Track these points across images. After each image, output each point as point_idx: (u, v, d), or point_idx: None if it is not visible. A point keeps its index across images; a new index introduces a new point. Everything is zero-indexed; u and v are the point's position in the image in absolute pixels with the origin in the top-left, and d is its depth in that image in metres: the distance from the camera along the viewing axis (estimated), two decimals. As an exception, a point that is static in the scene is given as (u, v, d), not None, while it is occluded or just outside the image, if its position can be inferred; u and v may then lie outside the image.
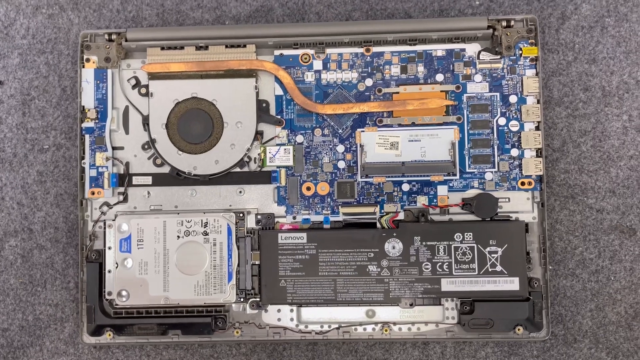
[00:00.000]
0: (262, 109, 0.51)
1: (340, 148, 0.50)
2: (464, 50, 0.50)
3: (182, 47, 0.50)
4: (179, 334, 0.49)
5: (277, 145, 0.50)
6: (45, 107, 0.53)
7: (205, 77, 0.50)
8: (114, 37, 0.51)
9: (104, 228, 0.50)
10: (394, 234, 0.48)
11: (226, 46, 0.50)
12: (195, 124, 0.50)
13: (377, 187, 0.50)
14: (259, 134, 0.51)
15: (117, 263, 0.49)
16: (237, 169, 0.50)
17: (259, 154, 0.50)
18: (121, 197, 0.50)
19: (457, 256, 0.48)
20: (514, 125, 0.50)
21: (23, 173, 0.53)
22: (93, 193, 0.50)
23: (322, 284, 0.48)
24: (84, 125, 0.50)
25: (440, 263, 0.48)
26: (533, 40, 0.50)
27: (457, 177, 0.50)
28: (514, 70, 0.50)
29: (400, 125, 0.50)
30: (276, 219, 0.50)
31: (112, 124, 0.51)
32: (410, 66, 0.50)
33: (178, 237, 0.49)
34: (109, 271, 0.49)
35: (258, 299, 0.49)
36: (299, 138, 0.50)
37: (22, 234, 0.53)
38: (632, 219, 0.51)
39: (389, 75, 0.50)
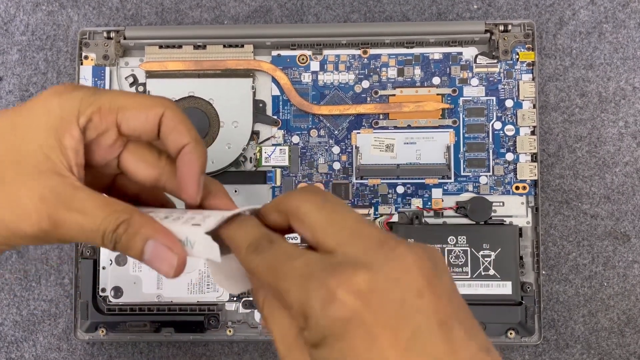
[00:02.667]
0: (258, 109, 0.51)
1: (336, 149, 0.50)
2: (461, 53, 0.50)
3: (180, 46, 0.51)
4: (171, 332, 0.49)
5: (273, 145, 0.51)
6: (43, 104, 0.54)
7: (203, 76, 0.51)
8: (112, 35, 0.51)
9: (99, 225, 0.50)
10: (388, 236, 0.48)
11: (224, 46, 0.51)
12: (192, 123, 0.50)
13: (371, 188, 0.50)
14: (255, 134, 0.51)
15: (111, 260, 0.49)
16: (233, 169, 0.51)
17: (254, 154, 0.51)
18: (117, 195, 0.51)
19: (450, 259, 0.48)
20: (509, 130, 0.50)
21: (20, 169, 0.53)
22: (89, 190, 0.50)
23: (315, 284, 0.49)
24: (81, 122, 0.51)
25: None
26: (530, 45, 0.50)
27: (452, 180, 0.50)
28: (510, 74, 0.50)
29: (396, 127, 0.50)
30: (271, 219, 0.50)
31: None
32: (407, 69, 0.51)
33: (172, 235, 0.49)
34: (103, 268, 0.49)
35: (251, 299, 0.49)
36: (295, 139, 0.51)
37: (18, 230, 0.53)
38: (626, 226, 0.51)
39: (386, 78, 0.51)
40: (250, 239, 0.25)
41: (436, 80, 0.50)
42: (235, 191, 0.50)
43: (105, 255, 0.49)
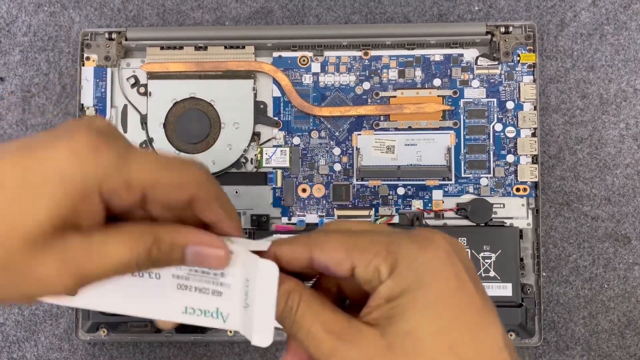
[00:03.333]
0: (259, 110, 0.51)
1: (337, 151, 0.51)
2: (462, 55, 0.50)
3: (181, 47, 0.51)
4: (172, 333, 0.49)
5: (274, 146, 0.51)
6: (45, 104, 0.54)
7: (204, 78, 0.51)
8: (114, 36, 0.51)
9: (101, 225, 0.50)
10: (388, 238, 0.48)
11: (225, 47, 0.51)
12: (193, 124, 0.51)
13: (372, 190, 0.50)
14: (256, 135, 0.51)
15: (112, 260, 0.49)
16: (234, 170, 0.51)
17: (255, 155, 0.51)
18: (118, 195, 0.51)
19: (450, 261, 0.48)
20: (510, 132, 0.50)
21: (22, 169, 0.53)
22: (90, 190, 0.50)
23: (316, 285, 0.49)
24: (83, 123, 0.51)
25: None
26: (531, 47, 0.50)
27: (453, 182, 0.50)
28: (511, 76, 0.50)
29: (396, 129, 0.50)
30: (271, 220, 0.50)
31: (111, 122, 0.51)
32: (408, 70, 0.51)
33: (173, 236, 0.49)
34: (105, 268, 0.49)
35: (252, 299, 0.49)
36: (296, 140, 0.51)
37: (20, 230, 0.53)
38: (626, 227, 0.51)
39: (387, 79, 0.51)
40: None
41: (437, 81, 0.50)
42: (236, 192, 0.51)
43: (107, 256, 0.49)
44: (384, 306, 0.24)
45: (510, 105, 0.50)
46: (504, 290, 0.48)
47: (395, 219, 0.50)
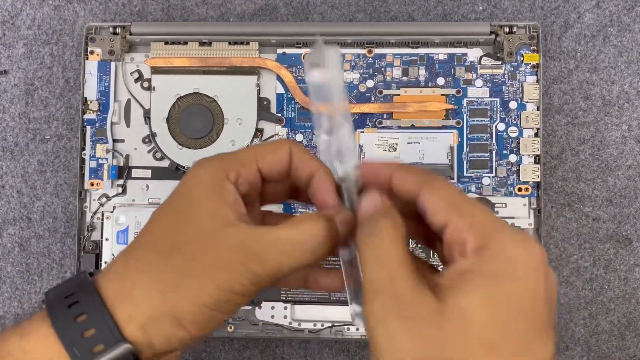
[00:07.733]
0: (263, 106, 0.51)
1: (339, 148, 0.51)
2: (465, 54, 0.51)
3: (185, 43, 0.51)
4: (172, 328, 0.49)
5: (277, 143, 0.51)
6: (48, 98, 0.54)
7: (208, 73, 0.51)
8: (118, 30, 0.51)
9: (102, 219, 0.50)
10: (390, 235, 0.48)
11: (229, 43, 0.51)
12: (196, 120, 0.51)
13: (374, 188, 0.50)
14: (259, 132, 0.51)
15: (113, 255, 0.49)
16: (236, 166, 0.51)
17: (258, 151, 0.51)
18: (120, 190, 0.51)
19: (451, 259, 0.48)
20: (513, 131, 0.50)
21: (24, 162, 0.53)
22: (92, 184, 0.50)
23: (317, 282, 0.49)
24: (86, 116, 0.51)
25: (435, 266, 0.48)
26: (535, 47, 0.50)
27: (455, 181, 0.50)
28: (514, 76, 0.50)
29: (399, 127, 0.50)
30: (273, 217, 0.50)
31: (114, 116, 0.51)
32: (412, 69, 0.51)
33: (175, 231, 0.49)
34: (105, 262, 0.49)
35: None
36: (299, 137, 0.51)
37: (21, 223, 0.53)
38: (628, 229, 0.51)
39: (390, 78, 0.51)
40: None
41: (440, 80, 0.50)
42: (238, 188, 0.51)
43: (108, 250, 0.49)
44: (454, 277, 0.24)
45: (513, 105, 0.50)
46: (505, 289, 0.48)
47: (397, 217, 0.50)
